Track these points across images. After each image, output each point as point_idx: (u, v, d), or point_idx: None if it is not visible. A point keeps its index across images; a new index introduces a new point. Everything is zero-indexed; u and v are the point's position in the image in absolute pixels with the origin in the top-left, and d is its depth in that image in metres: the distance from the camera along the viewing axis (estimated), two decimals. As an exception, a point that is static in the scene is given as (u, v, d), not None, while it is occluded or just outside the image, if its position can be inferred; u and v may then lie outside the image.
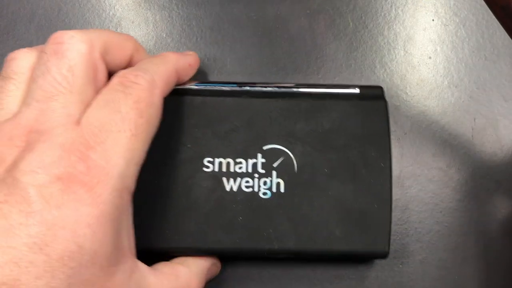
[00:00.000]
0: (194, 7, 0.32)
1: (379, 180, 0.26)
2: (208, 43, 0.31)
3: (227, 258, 0.28)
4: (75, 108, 0.21)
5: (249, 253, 0.26)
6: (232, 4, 0.32)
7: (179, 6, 0.32)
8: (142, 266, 0.23)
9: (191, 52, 0.28)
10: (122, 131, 0.21)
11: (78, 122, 0.21)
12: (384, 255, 0.26)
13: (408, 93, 0.31)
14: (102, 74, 0.23)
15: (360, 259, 0.28)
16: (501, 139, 0.30)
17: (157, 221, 0.25)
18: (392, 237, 0.27)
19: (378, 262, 0.28)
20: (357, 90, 0.28)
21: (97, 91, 0.22)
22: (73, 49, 0.22)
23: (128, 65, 0.25)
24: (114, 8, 0.32)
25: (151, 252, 0.25)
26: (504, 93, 0.31)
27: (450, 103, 0.30)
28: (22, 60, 0.23)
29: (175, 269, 0.24)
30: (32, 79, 0.22)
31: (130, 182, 0.21)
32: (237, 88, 0.28)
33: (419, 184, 0.29)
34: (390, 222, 0.26)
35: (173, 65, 0.25)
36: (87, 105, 0.22)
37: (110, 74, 0.25)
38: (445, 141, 0.30)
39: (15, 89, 0.22)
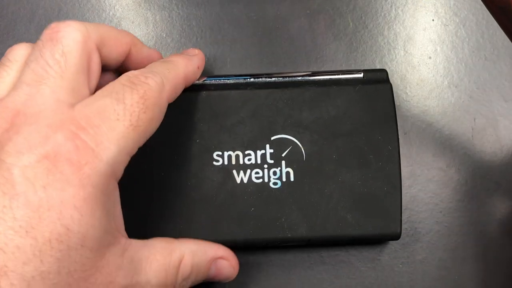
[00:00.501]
0: (194, 7, 0.32)
1: (388, 163, 0.26)
2: (208, 43, 0.31)
3: (240, 249, 0.27)
4: (65, 94, 0.21)
5: (262, 243, 0.26)
6: (232, 4, 0.32)
7: (179, 6, 0.32)
8: (135, 242, 0.22)
9: (196, 51, 0.27)
10: (121, 120, 0.20)
11: (70, 107, 0.20)
12: (396, 237, 0.26)
13: (408, 93, 0.31)
14: (96, 65, 0.23)
15: (373, 242, 0.28)
16: (501, 139, 0.30)
17: (169, 216, 0.26)
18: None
19: (378, 262, 0.28)
20: (361, 75, 0.28)
21: (90, 81, 0.22)
22: (69, 36, 0.22)
23: (126, 59, 0.25)
24: (114, 8, 0.32)
25: None
26: (504, 93, 0.31)
27: (450, 103, 0.30)
28: (19, 50, 0.23)
29: (170, 244, 0.23)
30: (25, 64, 0.22)
31: (119, 170, 0.21)
32: (242, 81, 0.28)
33: (419, 184, 0.29)
34: (401, 203, 0.26)
35: (183, 71, 0.25)
36: (78, 94, 0.21)
37: (106, 69, 0.25)
38: (445, 141, 0.30)
39: (6, 75, 0.22)
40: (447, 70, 0.31)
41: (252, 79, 0.28)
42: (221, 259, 0.25)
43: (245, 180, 0.26)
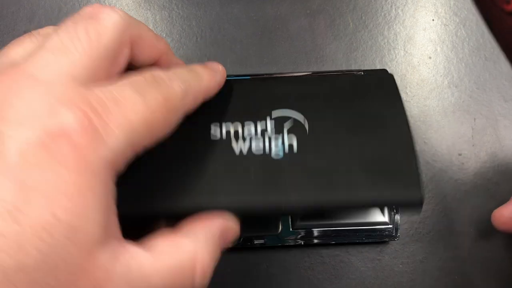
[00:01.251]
0: (194, 7, 0.32)
1: (397, 129, 0.25)
2: (208, 43, 0.31)
3: (243, 215, 0.25)
4: (83, 73, 0.19)
5: (266, 209, 0.24)
6: (232, 4, 0.32)
7: (179, 6, 0.32)
8: (131, 247, 0.19)
9: (220, 67, 0.26)
10: (136, 112, 0.19)
11: (84, 87, 0.19)
12: (418, 202, 0.23)
13: (408, 93, 0.31)
14: (123, 59, 0.21)
15: (390, 208, 0.27)
16: (501, 139, 0.30)
17: (165, 191, 0.25)
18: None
19: (378, 262, 0.28)
20: (362, 73, 0.28)
21: (111, 72, 0.21)
22: (110, 20, 0.20)
23: (154, 65, 0.24)
24: (114, 8, 0.32)
25: (162, 216, 0.24)
26: (504, 93, 0.31)
27: (450, 103, 0.30)
28: (51, 28, 0.22)
29: (176, 243, 0.21)
30: (54, 31, 0.20)
31: (121, 162, 0.19)
32: (241, 78, 0.28)
33: (419, 184, 0.29)
34: (418, 166, 0.24)
35: (206, 85, 0.24)
36: (96, 78, 0.20)
37: (130, 68, 0.24)
38: (445, 141, 0.30)
39: (29, 42, 0.21)
40: (447, 70, 0.31)
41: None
42: (224, 230, 0.23)
43: (245, 152, 0.26)
